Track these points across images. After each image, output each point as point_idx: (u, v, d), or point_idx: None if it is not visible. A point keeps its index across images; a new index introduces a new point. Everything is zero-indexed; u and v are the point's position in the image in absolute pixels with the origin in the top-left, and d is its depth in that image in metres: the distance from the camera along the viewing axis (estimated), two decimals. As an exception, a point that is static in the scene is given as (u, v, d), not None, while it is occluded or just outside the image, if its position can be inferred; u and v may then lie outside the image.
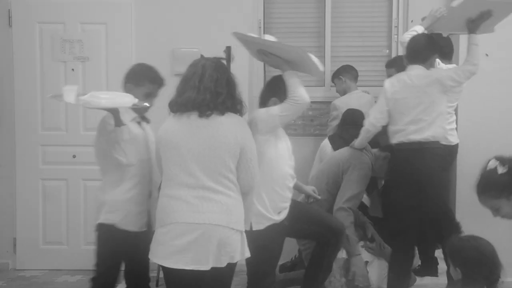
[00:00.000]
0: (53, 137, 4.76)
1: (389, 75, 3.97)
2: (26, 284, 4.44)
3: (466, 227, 4.28)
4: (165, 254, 2.54)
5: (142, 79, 3.09)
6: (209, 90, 2.60)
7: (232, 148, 2.56)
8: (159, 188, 2.75)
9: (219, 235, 2.51)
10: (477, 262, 2.49)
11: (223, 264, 2.55)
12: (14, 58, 4.70)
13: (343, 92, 4.62)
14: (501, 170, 2.57)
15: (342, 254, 3.59)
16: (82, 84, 4.71)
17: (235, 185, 2.60)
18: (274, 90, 3.16)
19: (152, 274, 4.50)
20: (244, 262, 3.75)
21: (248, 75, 4.70)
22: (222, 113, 2.60)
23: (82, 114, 4.73)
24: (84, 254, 4.76)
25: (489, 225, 3.51)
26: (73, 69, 4.71)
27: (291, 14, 4.98)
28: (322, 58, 4.91)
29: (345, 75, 4.62)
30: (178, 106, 2.68)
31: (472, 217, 4.05)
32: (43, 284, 4.42)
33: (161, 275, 4.37)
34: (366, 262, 3.70)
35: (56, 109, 4.72)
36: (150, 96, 3.11)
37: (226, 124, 2.59)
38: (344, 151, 3.84)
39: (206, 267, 2.51)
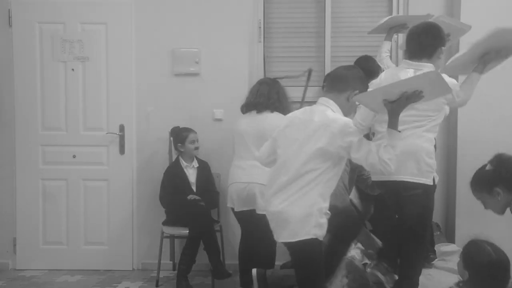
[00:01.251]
0: (53, 137, 4.76)
1: None
2: (26, 284, 4.43)
3: (466, 227, 4.30)
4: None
5: None
6: (263, 96, 3.92)
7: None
8: None
9: (259, 189, 3.65)
10: (487, 272, 2.54)
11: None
12: (14, 58, 4.70)
13: None
14: (488, 167, 2.72)
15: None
16: (82, 84, 4.72)
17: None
18: None
19: (152, 274, 4.53)
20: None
21: (248, 75, 4.70)
22: (272, 111, 3.87)
23: (82, 114, 4.73)
24: (84, 254, 4.77)
25: (489, 225, 3.51)
26: (73, 69, 4.71)
27: (291, 14, 4.97)
28: (322, 58, 4.93)
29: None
30: (244, 108, 4.03)
31: (472, 217, 4.06)
32: (43, 284, 4.42)
33: (161, 275, 4.41)
34: (365, 265, 3.70)
35: (56, 109, 4.72)
36: None
37: (271, 118, 3.78)
38: None
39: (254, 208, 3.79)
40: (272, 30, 4.98)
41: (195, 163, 4.51)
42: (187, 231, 4.18)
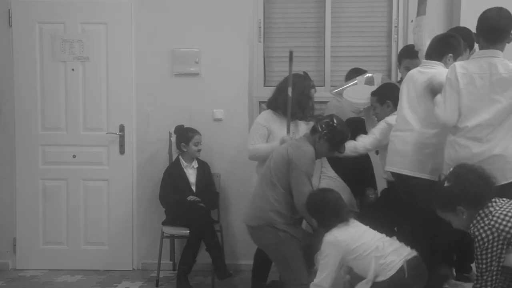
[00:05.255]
0: (53, 137, 4.75)
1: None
2: (26, 284, 4.43)
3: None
4: None
5: None
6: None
7: None
8: None
9: None
10: (323, 209, 3.12)
11: None
12: (14, 58, 4.70)
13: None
14: (446, 183, 2.71)
15: None
16: (82, 84, 4.72)
17: None
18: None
19: (152, 274, 4.53)
20: (244, 262, 3.78)
21: (248, 75, 4.70)
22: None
23: (82, 114, 4.73)
24: (84, 254, 4.77)
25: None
26: (73, 69, 4.71)
27: (291, 14, 4.97)
28: (322, 58, 4.93)
29: (354, 77, 4.24)
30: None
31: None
32: (43, 284, 4.42)
33: (161, 275, 4.41)
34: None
35: (56, 109, 4.72)
36: None
37: None
38: None
39: None
40: (272, 30, 4.98)
41: (195, 164, 4.51)
42: (187, 231, 4.18)
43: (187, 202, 4.29)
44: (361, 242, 3.00)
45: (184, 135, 4.46)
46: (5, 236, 4.79)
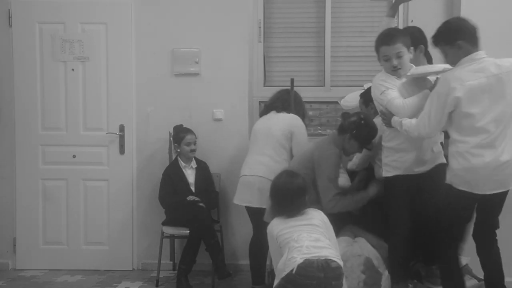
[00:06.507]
0: (53, 137, 4.76)
1: None
2: (26, 284, 4.43)
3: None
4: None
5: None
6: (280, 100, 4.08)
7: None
8: None
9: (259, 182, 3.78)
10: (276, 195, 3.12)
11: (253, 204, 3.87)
12: (14, 58, 4.70)
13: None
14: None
15: (360, 251, 3.58)
16: (82, 84, 4.72)
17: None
18: None
19: (152, 274, 4.53)
20: (245, 262, 3.78)
21: (248, 75, 4.70)
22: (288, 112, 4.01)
23: (82, 114, 4.73)
24: (84, 254, 4.77)
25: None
26: (73, 69, 4.71)
27: (291, 14, 4.97)
28: (322, 58, 4.92)
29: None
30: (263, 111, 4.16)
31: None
32: (43, 284, 4.42)
33: (161, 275, 4.41)
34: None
35: (56, 109, 4.72)
36: None
37: (283, 118, 3.99)
38: None
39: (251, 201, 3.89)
40: (272, 30, 4.98)
41: (194, 164, 4.51)
42: (187, 231, 4.18)
43: (187, 202, 4.29)
44: (287, 235, 2.97)
45: (177, 135, 4.47)
46: (5, 236, 4.79)
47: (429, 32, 3.30)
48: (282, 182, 3.13)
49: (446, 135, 3.36)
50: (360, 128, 3.48)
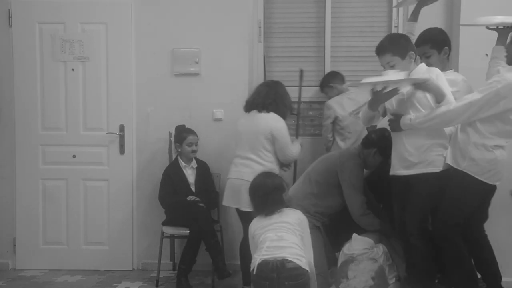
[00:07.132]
0: (53, 137, 4.76)
1: None
2: (26, 284, 4.43)
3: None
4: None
5: None
6: (260, 97, 4.01)
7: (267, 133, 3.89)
8: None
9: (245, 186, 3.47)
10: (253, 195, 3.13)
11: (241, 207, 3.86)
12: (14, 58, 4.70)
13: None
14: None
15: (377, 257, 3.60)
16: (82, 84, 4.72)
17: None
18: None
19: (152, 274, 4.53)
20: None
21: (248, 75, 4.70)
22: (268, 112, 3.95)
23: (82, 114, 4.73)
24: (84, 254, 4.77)
25: (489, 225, 3.52)
26: (73, 69, 4.71)
27: (291, 14, 4.97)
28: (322, 58, 4.93)
29: (333, 81, 4.67)
30: (245, 107, 4.10)
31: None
32: (43, 284, 4.42)
33: (161, 275, 4.41)
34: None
35: (56, 109, 4.72)
36: None
37: (265, 119, 3.93)
38: None
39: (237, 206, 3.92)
40: (272, 30, 4.98)
41: (194, 164, 4.51)
42: (187, 231, 4.18)
43: (187, 202, 4.29)
44: (259, 235, 3.00)
45: (179, 135, 4.47)
46: (5, 236, 4.80)
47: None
48: (257, 182, 3.16)
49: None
50: (387, 144, 3.57)
